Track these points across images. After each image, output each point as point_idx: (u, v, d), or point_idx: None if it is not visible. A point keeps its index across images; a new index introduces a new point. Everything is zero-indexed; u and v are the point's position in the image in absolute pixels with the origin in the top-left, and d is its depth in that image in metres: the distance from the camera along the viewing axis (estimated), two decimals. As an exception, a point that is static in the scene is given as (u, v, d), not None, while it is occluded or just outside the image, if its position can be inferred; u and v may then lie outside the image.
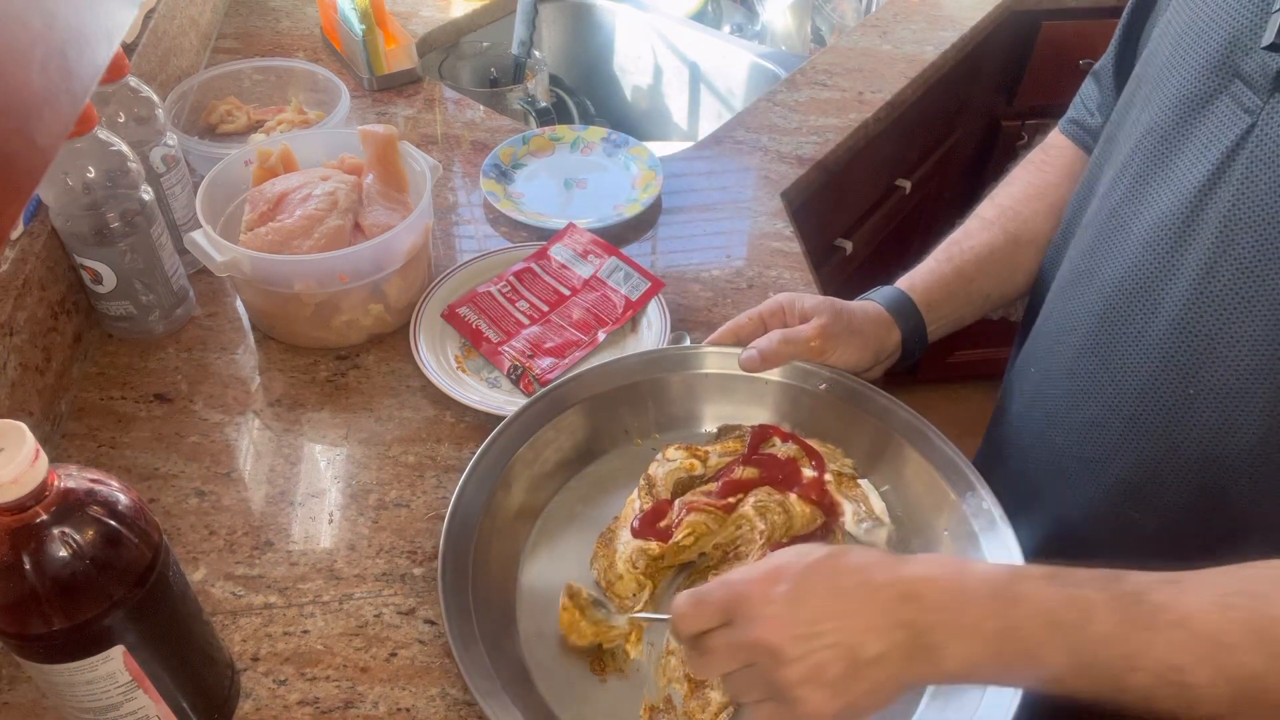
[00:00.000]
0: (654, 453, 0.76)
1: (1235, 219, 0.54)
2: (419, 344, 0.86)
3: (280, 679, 0.65)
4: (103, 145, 0.78)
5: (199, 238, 0.81)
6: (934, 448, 0.72)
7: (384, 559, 0.72)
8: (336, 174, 0.89)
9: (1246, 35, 0.54)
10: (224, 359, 0.88)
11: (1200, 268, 0.57)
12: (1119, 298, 0.62)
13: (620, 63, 1.63)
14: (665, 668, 0.64)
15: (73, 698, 0.53)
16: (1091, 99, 0.79)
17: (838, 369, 0.76)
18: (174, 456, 0.79)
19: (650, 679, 0.64)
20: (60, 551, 0.48)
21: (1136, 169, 0.62)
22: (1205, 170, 0.56)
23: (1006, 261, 0.79)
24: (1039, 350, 0.73)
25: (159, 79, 1.10)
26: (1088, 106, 0.80)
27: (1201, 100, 0.57)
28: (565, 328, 0.89)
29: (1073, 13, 1.53)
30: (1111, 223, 0.64)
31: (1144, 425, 0.62)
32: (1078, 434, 0.68)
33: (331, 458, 0.80)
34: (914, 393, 0.83)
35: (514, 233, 1.03)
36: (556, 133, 1.17)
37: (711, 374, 0.78)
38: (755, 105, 1.23)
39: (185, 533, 0.73)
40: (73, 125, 0.34)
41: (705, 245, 1.03)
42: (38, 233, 0.81)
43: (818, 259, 1.16)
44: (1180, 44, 0.59)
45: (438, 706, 0.63)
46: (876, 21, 1.42)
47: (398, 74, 1.25)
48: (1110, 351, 0.63)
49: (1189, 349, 0.58)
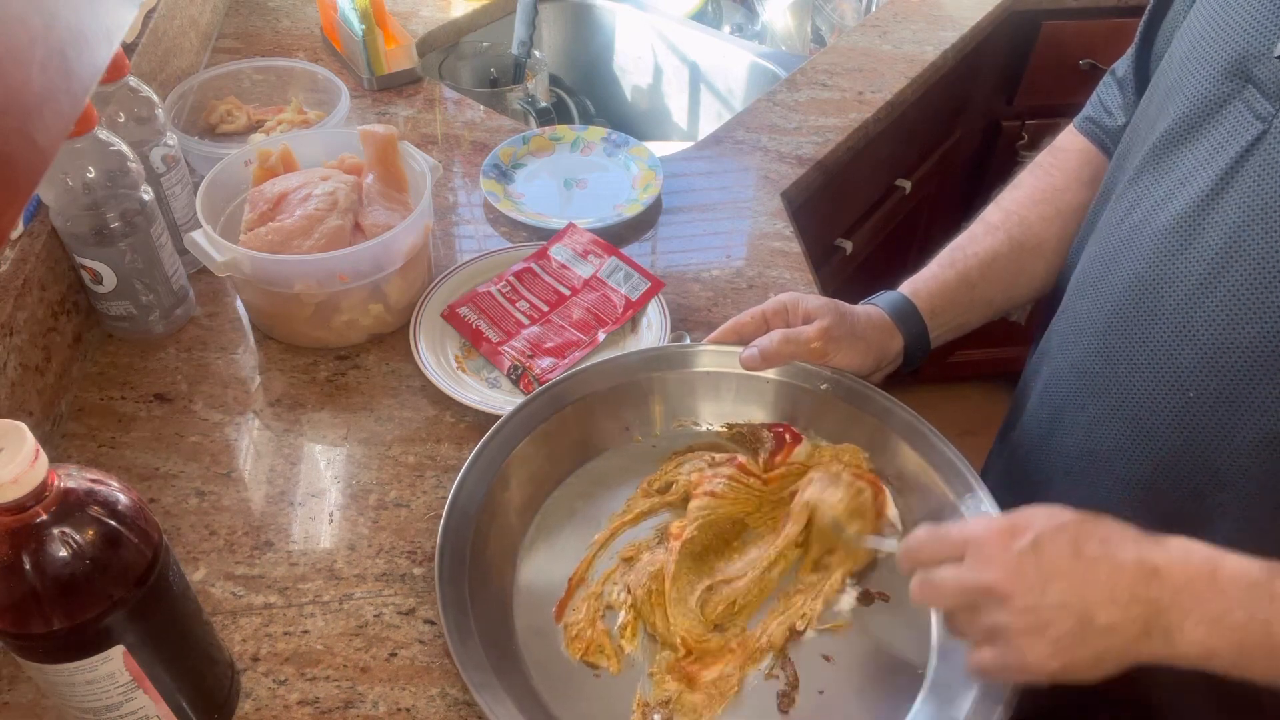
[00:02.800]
0: (654, 449, 0.76)
1: (1243, 226, 0.54)
2: (419, 344, 0.86)
3: (280, 679, 0.65)
4: (103, 145, 0.78)
5: (199, 238, 0.81)
6: (933, 448, 0.71)
7: (384, 559, 0.72)
8: (336, 174, 0.89)
9: (1260, 42, 0.54)
10: (224, 359, 0.88)
11: (1205, 273, 0.57)
12: (1127, 301, 0.62)
13: (620, 63, 1.63)
14: (660, 666, 0.64)
15: (73, 698, 0.53)
16: (1112, 99, 0.78)
17: (839, 370, 0.76)
18: (174, 456, 0.79)
19: (644, 675, 0.64)
20: (60, 551, 0.48)
21: (1149, 173, 0.62)
22: (1214, 175, 0.56)
23: (1011, 268, 0.79)
24: (1052, 349, 0.73)
25: (159, 79, 1.10)
26: (1106, 106, 0.79)
27: (1214, 105, 0.57)
28: (565, 328, 0.89)
29: (1073, 13, 1.53)
30: (1123, 226, 0.64)
31: (1146, 427, 0.62)
32: (1084, 432, 0.68)
33: (331, 458, 0.80)
34: (914, 393, 0.83)
35: (514, 233, 1.03)
36: (556, 133, 1.17)
37: (712, 372, 0.78)
38: (755, 105, 1.23)
39: (185, 533, 0.73)
40: (73, 125, 0.34)
41: (705, 245, 1.03)
42: (38, 233, 0.81)
43: (818, 259, 1.16)
44: (1196, 49, 0.59)
45: (438, 706, 0.63)
46: (876, 21, 1.42)
47: (398, 74, 1.25)
48: (1116, 354, 0.63)
49: (1190, 354, 0.58)
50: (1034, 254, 0.79)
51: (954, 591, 0.55)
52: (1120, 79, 0.77)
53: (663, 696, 0.63)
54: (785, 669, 0.64)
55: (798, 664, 0.64)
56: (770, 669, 0.64)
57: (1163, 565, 0.51)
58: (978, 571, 0.54)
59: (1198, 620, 0.50)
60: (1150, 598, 0.51)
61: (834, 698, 0.63)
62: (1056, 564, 0.52)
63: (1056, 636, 0.51)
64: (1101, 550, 0.52)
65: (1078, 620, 0.51)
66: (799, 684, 0.63)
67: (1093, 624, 0.51)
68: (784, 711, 0.62)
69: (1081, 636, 0.51)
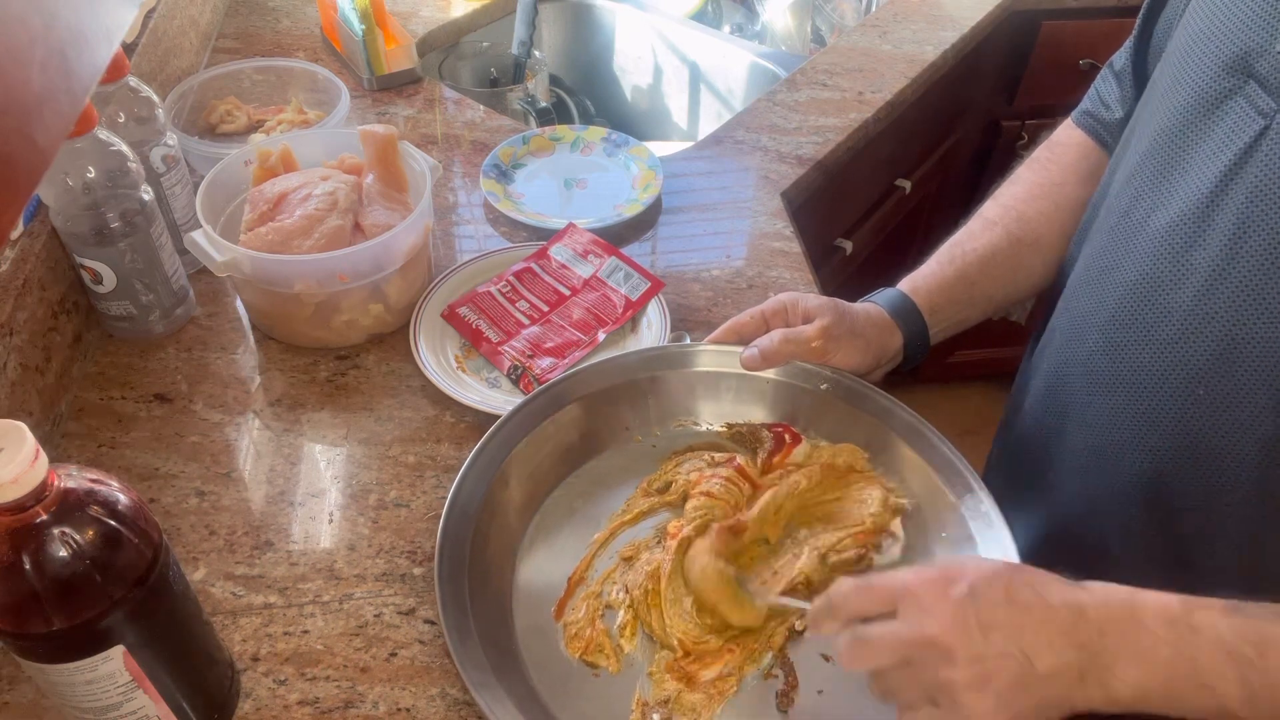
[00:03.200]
0: (654, 449, 0.76)
1: (1248, 221, 0.54)
2: (419, 344, 0.86)
3: (280, 679, 0.65)
4: (103, 145, 0.78)
5: (199, 238, 0.81)
6: (933, 449, 0.71)
7: (384, 559, 0.72)
8: (336, 174, 0.89)
9: (1261, 37, 0.54)
10: (224, 359, 0.88)
11: (1211, 269, 0.56)
12: (1132, 297, 0.62)
13: (620, 63, 1.63)
14: (659, 665, 0.64)
15: (73, 698, 0.53)
16: (1110, 93, 0.78)
17: (839, 369, 0.76)
18: (174, 456, 0.79)
19: (643, 674, 0.64)
20: (60, 551, 0.48)
21: (1150, 169, 0.62)
22: (1218, 172, 0.56)
23: (1010, 263, 0.79)
24: (1055, 345, 0.73)
25: (159, 79, 1.10)
26: (1104, 100, 0.79)
27: (1215, 101, 0.57)
28: (565, 328, 0.89)
29: (1073, 13, 1.53)
30: (1125, 222, 0.64)
31: (1155, 422, 0.62)
32: (1091, 428, 0.68)
33: (331, 458, 0.80)
34: (914, 393, 0.83)
35: (514, 233, 1.03)
36: (556, 133, 1.17)
37: (712, 371, 0.78)
38: (755, 105, 1.23)
39: (185, 533, 0.73)
40: (73, 125, 0.34)
41: (705, 245, 1.03)
42: (38, 233, 0.81)
43: (818, 259, 1.16)
44: (1196, 44, 0.59)
45: (438, 706, 0.63)
46: (876, 21, 1.42)
47: (398, 74, 1.25)
48: (1123, 350, 0.63)
49: (1199, 350, 0.58)
50: (1032, 249, 0.79)
51: (891, 646, 0.52)
52: (1118, 72, 0.77)
53: (662, 696, 0.63)
54: (784, 668, 0.64)
55: (797, 664, 0.64)
56: (769, 668, 0.64)
57: (1089, 606, 0.50)
58: (917, 624, 0.51)
59: (1129, 660, 0.49)
60: (1082, 641, 0.50)
61: (833, 697, 0.63)
62: (994, 612, 0.50)
63: (1000, 689, 0.49)
64: (1034, 596, 0.51)
65: (1020, 668, 0.49)
66: (798, 683, 0.63)
67: (1034, 671, 0.49)
68: (783, 711, 0.62)
69: (1024, 685, 0.49)
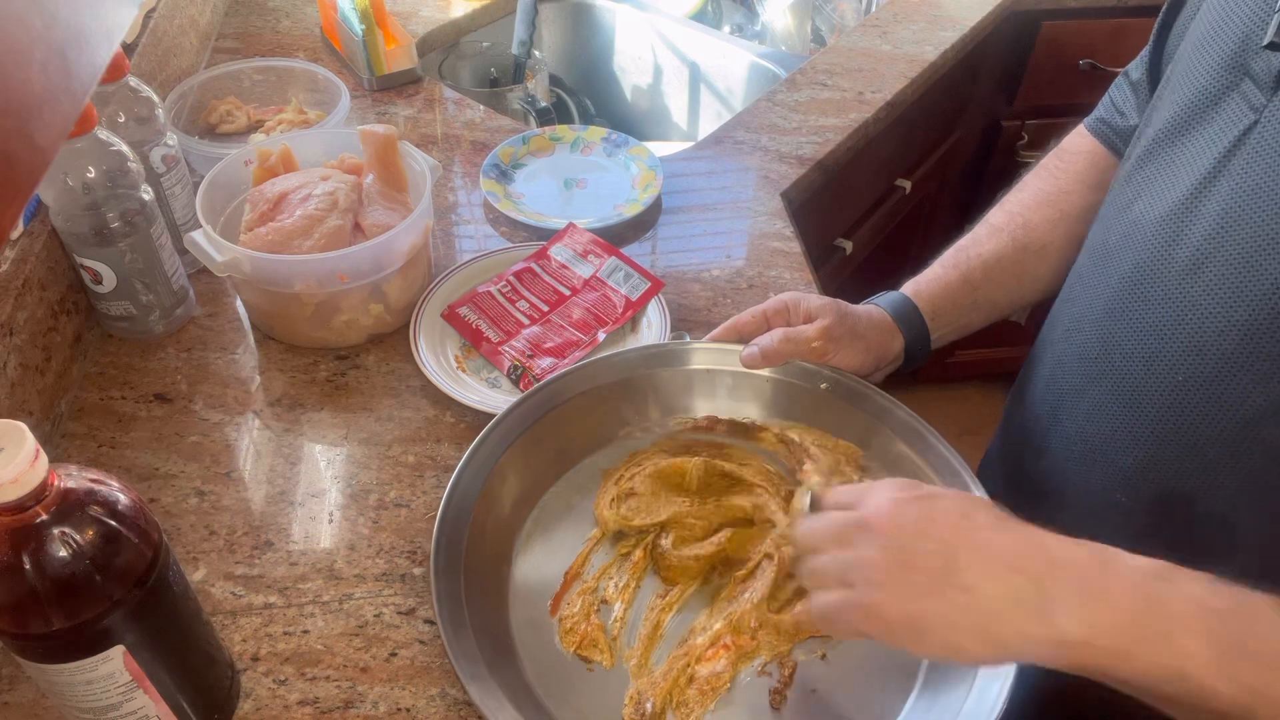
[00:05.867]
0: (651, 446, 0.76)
1: (1231, 212, 0.55)
2: (419, 344, 0.86)
3: (280, 679, 0.65)
4: (103, 145, 0.78)
5: (199, 238, 0.81)
6: (931, 449, 0.71)
7: (384, 559, 0.72)
8: (336, 174, 0.89)
9: (1255, 35, 0.55)
10: (224, 359, 0.88)
11: (1194, 259, 0.57)
12: (1125, 289, 0.63)
13: (620, 63, 1.63)
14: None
15: (73, 698, 0.53)
16: (1124, 100, 0.78)
17: (839, 369, 0.76)
18: (174, 456, 0.79)
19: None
20: (60, 551, 0.48)
21: (1150, 165, 0.63)
22: (1208, 165, 0.57)
23: (1014, 269, 0.79)
24: (1056, 339, 0.73)
25: (159, 79, 1.10)
26: (1118, 107, 0.79)
27: (1214, 98, 0.58)
28: (565, 328, 0.89)
29: (1073, 13, 1.53)
30: (1125, 217, 0.65)
31: (1140, 411, 0.63)
32: (1083, 418, 0.68)
33: (331, 458, 0.80)
34: (914, 393, 0.83)
35: (514, 233, 1.03)
36: (556, 133, 1.17)
37: (711, 370, 0.78)
38: (755, 105, 1.23)
39: (185, 533, 0.73)
40: (73, 125, 0.34)
41: (705, 245, 1.03)
42: (38, 233, 0.81)
43: (818, 259, 1.16)
44: (1201, 45, 0.60)
45: (437, 706, 0.64)
46: (876, 21, 1.42)
47: (398, 74, 1.25)
48: (1113, 340, 0.64)
49: (1180, 338, 0.59)
50: (1037, 256, 0.79)
51: (831, 526, 0.54)
52: (1134, 81, 0.77)
53: (655, 691, 0.63)
54: (778, 666, 0.64)
55: (790, 662, 0.64)
56: (763, 666, 0.64)
57: (1053, 545, 0.51)
58: (860, 510, 0.53)
59: (1082, 598, 0.48)
60: (1033, 571, 0.49)
61: (826, 696, 0.63)
62: (941, 519, 0.52)
63: (913, 581, 0.49)
64: (992, 520, 0.52)
65: (941, 570, 0.49)
66: (792, 681, 0.63)
67: (955, 576, 0.49)
68: (776, 708, 0.62)
69: (938, 589, 0.49)
